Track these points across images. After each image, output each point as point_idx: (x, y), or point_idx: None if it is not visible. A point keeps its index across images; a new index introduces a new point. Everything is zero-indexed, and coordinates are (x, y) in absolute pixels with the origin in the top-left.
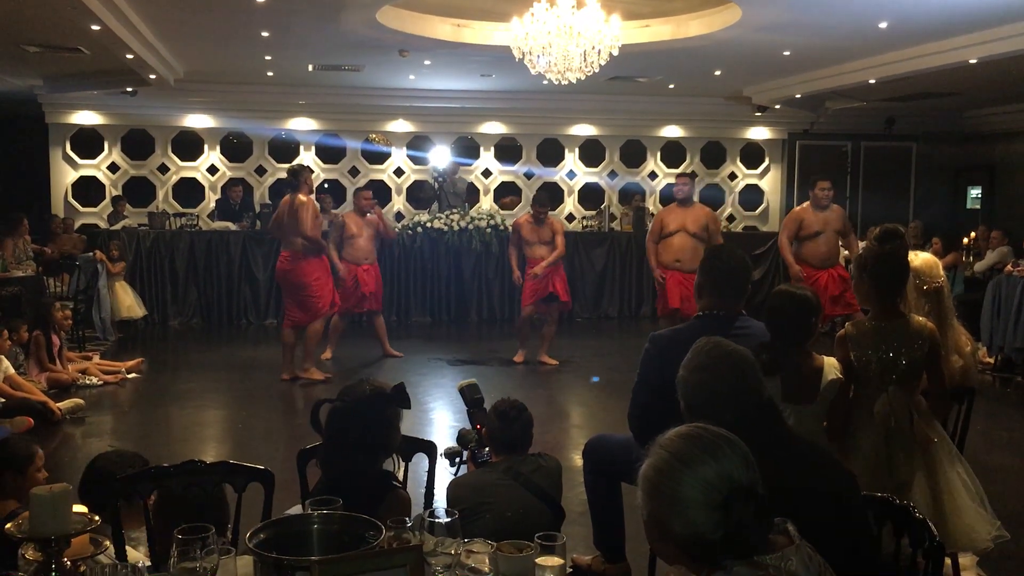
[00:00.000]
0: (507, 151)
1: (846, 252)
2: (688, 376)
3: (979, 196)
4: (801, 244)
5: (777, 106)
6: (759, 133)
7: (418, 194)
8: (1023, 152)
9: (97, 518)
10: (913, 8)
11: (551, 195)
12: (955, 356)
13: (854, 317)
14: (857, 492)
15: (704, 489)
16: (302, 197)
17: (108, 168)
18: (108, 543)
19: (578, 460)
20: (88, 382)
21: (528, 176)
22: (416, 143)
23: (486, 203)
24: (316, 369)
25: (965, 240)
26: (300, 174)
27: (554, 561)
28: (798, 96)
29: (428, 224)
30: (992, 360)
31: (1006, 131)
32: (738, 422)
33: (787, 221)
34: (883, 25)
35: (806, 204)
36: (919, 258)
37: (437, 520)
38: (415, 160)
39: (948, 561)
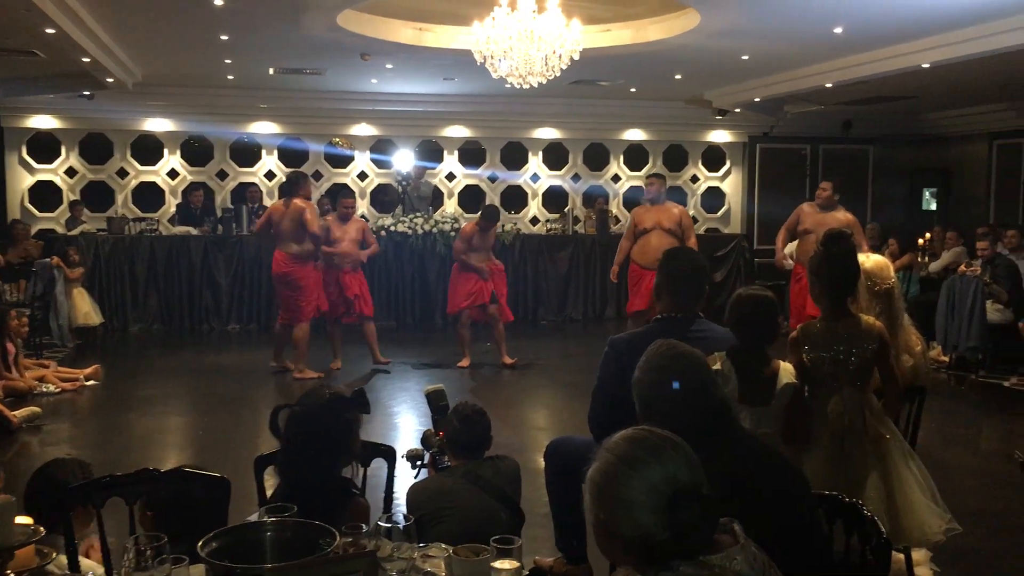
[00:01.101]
0: (471, 154)
1: None
2: (643, 378)
3: (934, 198)
4: (796, 242)
5: (737, 109)
6: (720, 136)
7: (382, 197)
8: (977, 154)
9: (42, 529)
10: (867, 14)
11: (514, 198)
12: (906, 356)
13: None
14: (807, 491)
15: (649, 491)
16: (300, 202)
17: (66, 173)
18: (55, 554)
19: (541, 462)
20: (45, 390)
21: (492, 179)
22: (379, 147)
23: (450, 206)
24: (309, 369)
25: (920, 241)
26: (299, 181)
27: (510, 564)
28: (757, 100)
29: (392, 228)
30: (947, 359)
31: (960, 134)
32: (691, 422)
33: (792, 215)
34: (838, 30)
35: (815, 203)
36: (870, 260)
37: (394, 525)
38: (379, 164)
39: (902, 557)
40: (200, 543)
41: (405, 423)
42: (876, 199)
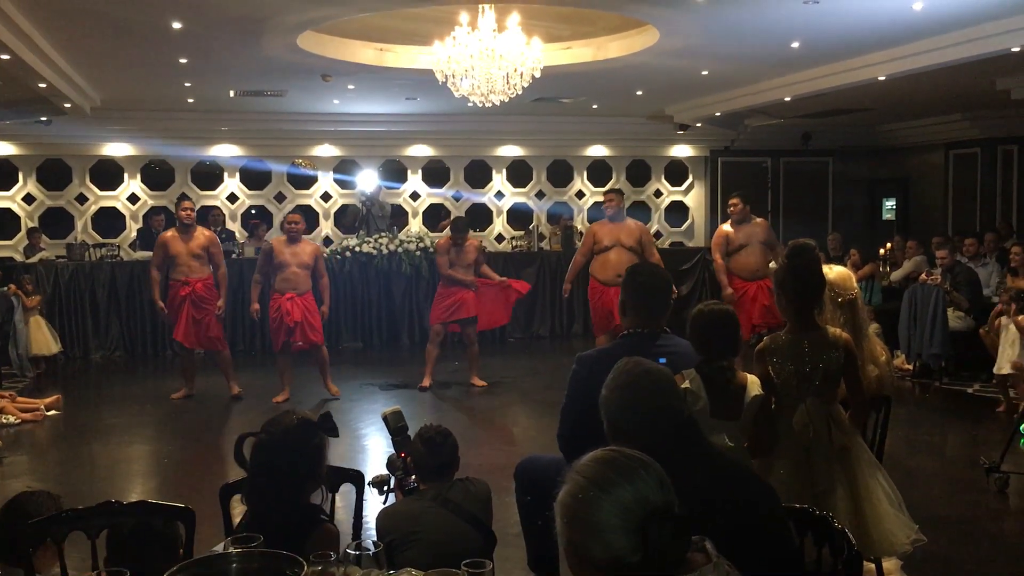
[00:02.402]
0: (435, 173)
1: (774, 264)
2: (610, 395)
3: (894, 208)
4: (730, 258)
5: (698, 124)
6: (682, 151)
7: (342, 219)
8: (935, 164)
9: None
10: (823, 29)
11: (479, 217)
12: (871, 366)
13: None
14: (777, 504)
15: (621, 513)
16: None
17: (23, 199)
18: None
19: (511, 482)
20: (5, 421)
21: (456, 198)
22: (343, 167)
23: (415, 226)
24: (184, 389)
25: (881, 251)
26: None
27: None
28: (718, 114)
29: (357, 248)
30: (911, 367)
31: (918, 144)
32: (659, 439)
33: (714, 240)
34: (795, 45)
35: (730, 221)
36: (833, 271)
37: (364, 551)
38: (342, 184)
39: (872, 567)
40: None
41: (373, 446)
42: (837, 210)
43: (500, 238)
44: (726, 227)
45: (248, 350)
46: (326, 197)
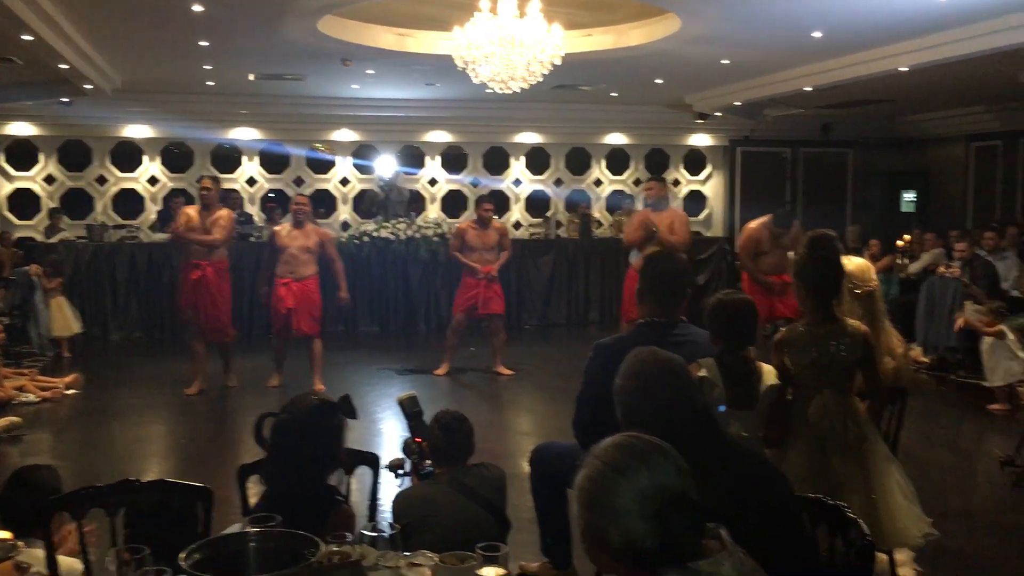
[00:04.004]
0: (453, 160)
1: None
2: (624, 384)
3: (913, 200)
4: (759, 258)
5: (718, 113)
6: (701, 140)
7: (359, 204)
8: (955, 156)
9: (21, 544)
10: (845, 18)
11: (498, 203)
12: (887, 358)
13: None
14: (791, 494)
15: (639, 498)
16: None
17: (44, 180)
18: (36, 568)
19: (525, 467)
20: (25, 399)
21: (474, 185)
22: (361, 152)
23: (433, 212)
24: (197, 383)
25: (900, 243)
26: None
27: (496, 572)
28: (738, 104)
29: (375, 233)
30: (927, 359)
31: (938, 136)
32: (673, 428)
33: (744, 241)
34: (817, 34)
35: (766, 220)
36: (852, 263)
37: (379, 533)
38: (361, 169)
39: (885, 558)
40: (182, 554)
41: (389, 429)
42: (856, 202)
43: (518, 225)
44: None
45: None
46: (344, 182)
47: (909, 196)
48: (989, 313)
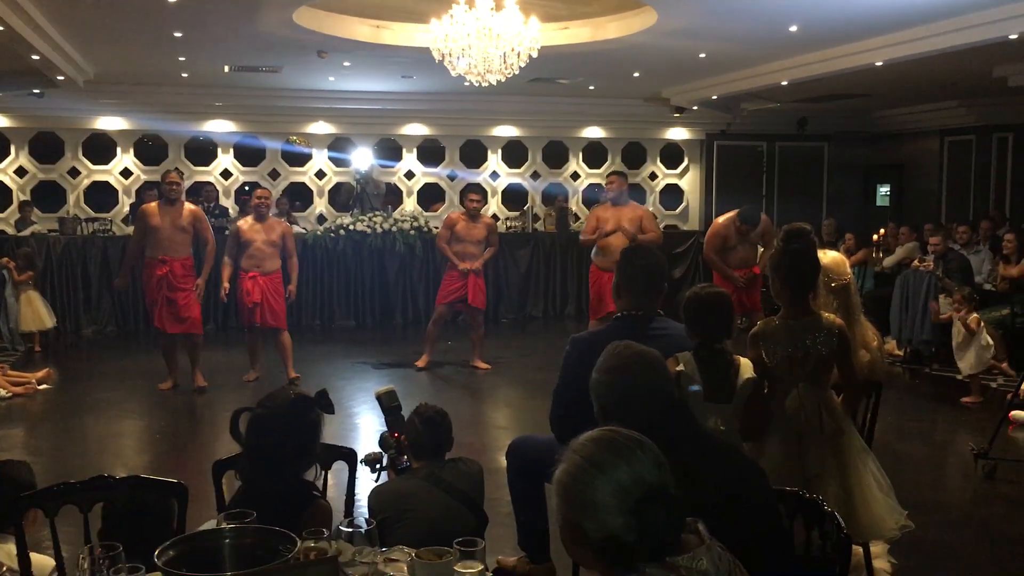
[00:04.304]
0: (430, 153)
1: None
2: (600, 378)
3: (888, 194)
4: (727, 253)
5: (695, 107)
6: (678, 134)
7: (335, 197)
8: (929, 151)
9: None
10: (821, 13)
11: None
12: (862, 351)
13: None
14: (768, 487)
15: (618, 493)
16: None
17: (15, 172)
18: (7, 565)
19: (503, 462)
20: None
21: (451, 178)
22: (337, 145)
23: (409, 205)
24: (170, 379)
25: (875, 237)
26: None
27: (473, 566)
28: (714, 98)
29: (351, 227)
30: (901, 352)
31: (913, 131)
32: (650, 422)
33: (711, 237)
34: (793, 29)
35: (733, 217)
36: (827, 256)
37: (356, 529)
38: (337, 162)
39: (860, 550)
40: (157, 552)
41: (366, 424)
42: (831, 196)
43: (495, 218)
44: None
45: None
46: (320, 175)
47: (884, 190)
48: (961, 300)
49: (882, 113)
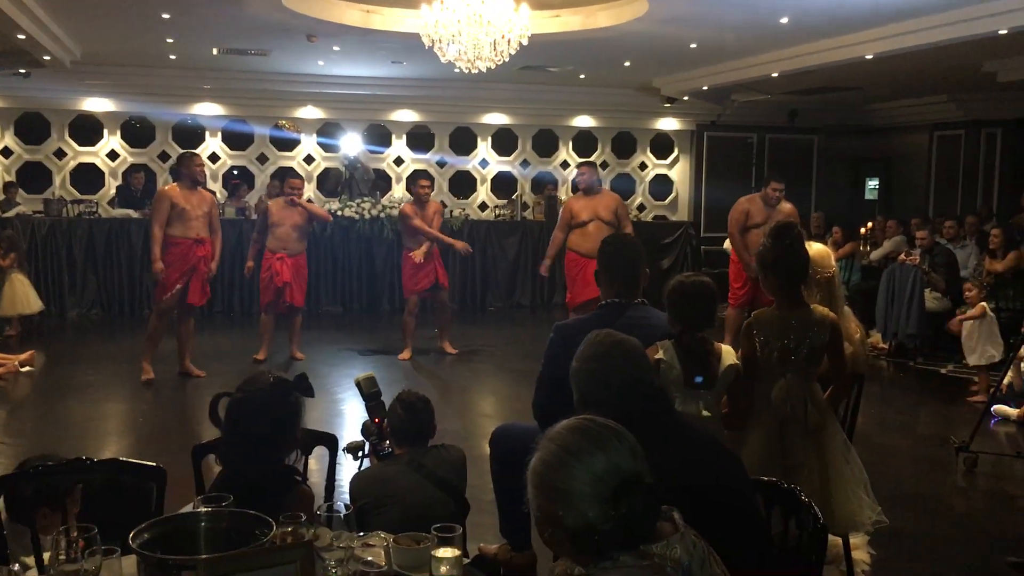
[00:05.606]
0: (419, 139)
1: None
2: (580, 367)
3: (877, 187)
4: (746, 233)
5: (685, 98)
6: (668, 124)
7: (323, 183)
8: (918, 144)
9: None
10: (813, 5)
11: (464, 184)
12: (845, 343)
13: None
14: (745, 476)
15: (593, 481)
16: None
17: (1, 153)
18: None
19: (486, 449)
20: None
21: (441, 164)
22: (326, 130)
23: (398, 191)
24: (147, 365)
25: (863, 230)
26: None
27: (451, 552)
28: (705, 88)
29: (339, 212)
30: (887, 346)
31: (902, 124)
32: (628, 411)
33: (734, 214)
34: (784, 20)
35: (756, 196)
36: (813, 248)
37: (335, 514)
38: (326, 147)
39: (839, 541)
40: (132, 534)
41: (350, 410)
42: (821, 188)
43: (484, 206)
44: (749, 200)
45: (226, 311)
46: (309, 160)
47: (873, 183)
48: (980, 287)
49: (872, 106)
